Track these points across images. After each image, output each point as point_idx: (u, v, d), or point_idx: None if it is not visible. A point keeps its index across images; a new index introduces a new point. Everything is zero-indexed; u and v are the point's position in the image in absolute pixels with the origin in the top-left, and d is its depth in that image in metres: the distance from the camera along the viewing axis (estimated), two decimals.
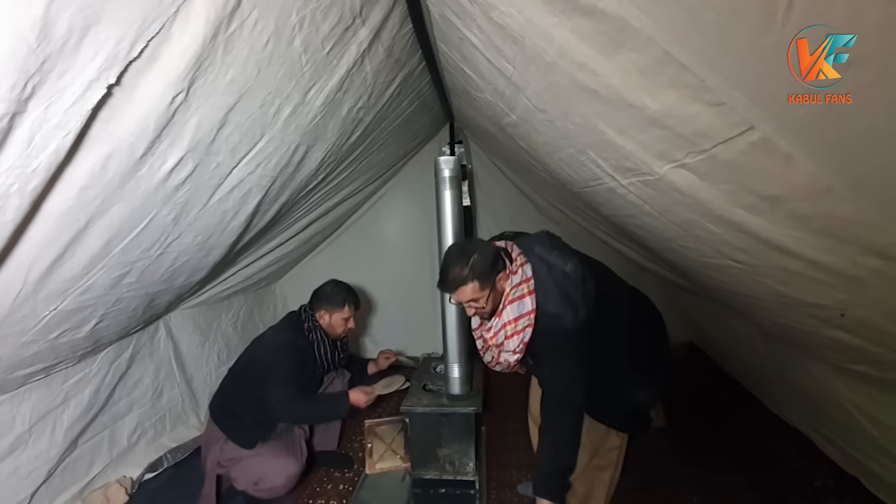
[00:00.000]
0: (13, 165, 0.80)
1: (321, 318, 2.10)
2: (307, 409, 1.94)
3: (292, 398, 1.88)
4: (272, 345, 2.02)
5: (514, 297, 1.34)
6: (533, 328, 1.33)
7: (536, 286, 1.34)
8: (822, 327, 1.36)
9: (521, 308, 1.34)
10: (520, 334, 1.33)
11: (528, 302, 1.33)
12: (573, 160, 1.49)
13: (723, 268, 1.39)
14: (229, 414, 1.99)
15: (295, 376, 1.94)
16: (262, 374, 1.94)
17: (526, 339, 1.34)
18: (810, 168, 0.79)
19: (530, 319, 1.33)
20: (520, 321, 1.33)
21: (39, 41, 0.66)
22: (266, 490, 1.91)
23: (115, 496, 1.97)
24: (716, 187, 1.00)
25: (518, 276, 1.36)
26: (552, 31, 0.94)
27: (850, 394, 1.71)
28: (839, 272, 1.01)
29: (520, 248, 1.43)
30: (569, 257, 1.38)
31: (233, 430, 1.95)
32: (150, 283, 1.65)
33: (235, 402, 1.99)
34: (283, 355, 1.95)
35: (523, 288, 1.34)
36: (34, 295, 1.21)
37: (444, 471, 1.92)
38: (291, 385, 1.91)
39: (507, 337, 1.35)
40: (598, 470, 1.57)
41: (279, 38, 1.07)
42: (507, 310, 1.35)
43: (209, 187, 1.38)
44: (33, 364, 1.55)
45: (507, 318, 1.35)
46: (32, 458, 1.71)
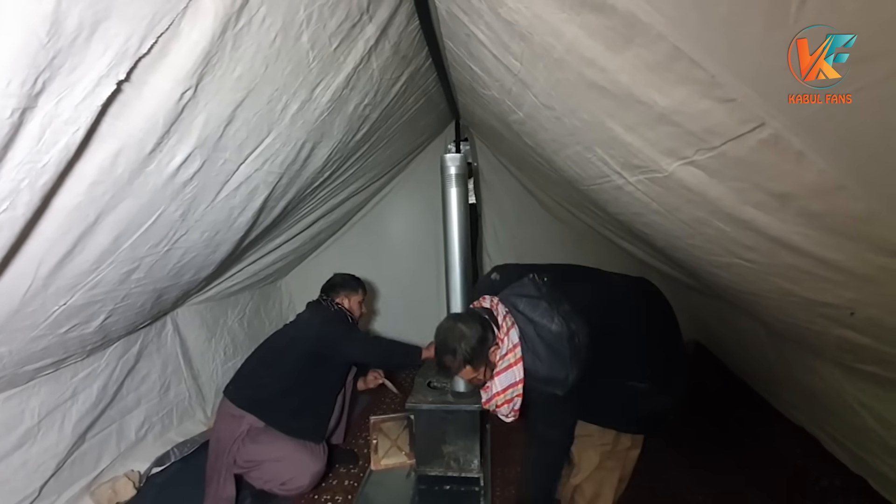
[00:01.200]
0: (24, 161, 0.80)
1: (342, 302, 2.21)
2: (379, 344, 2.15)
3: (364, 338, 2.07)
4: (321, 318, 2.09)
5: (501, 369, 1.35)
6: (523, 396, 1.34)
7: (524, 351, 1.33)
8: (831, 326, 1.35)
9: (509, 378, 1.34)
10: (510, 403, 1.35)
11: (515, 372, 1.33)
12: (580, 157, 1.48)
13: (731, 266, 1.38)
14: (266, 400, 1.96)
15: (356, 330, 2.16)
16: (322, 342, 1.98)
17: (516, 408, 1.36)
18: (821, 165, 0.79)
19: (519, 389, 1.33)
20: (508, 391, 1.34)
21: (50, 36, 0.66)
22: (293, 489, 1.94)
23: (123, 490, 1.99)
24: (725, 185, 0.99)
25: (505, 346, 1.35)
26: (561, 27, 0.94)
27: (857, 393, 1.69)
28: (849, 270, 1.00)
29: (505, 306, 1.41)
30: (555, 311, 1.30)
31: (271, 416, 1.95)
32: (157, 278, 1.66)
33: (274, 384, 1.98)
34: (337, 320, 2.10)
35: (510, 358, 1.34)
36: (44, 290, 1.22)
37: (448, 467, 1.92)
38: (356, 332, 2.11)
39: (497, 406, 1.38)
40: (608, 471, 1.57)
41: (287, 35, 1.07)
42: (496, 381, 1.36)
43: (216, 183, 1.39)
44: (43, 358, 1.57)
45: (497, 389, 1.36)
46: (41, 451, 1.73)
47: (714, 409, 2.67)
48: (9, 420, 1.62)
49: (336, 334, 2.02)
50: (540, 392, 1.34)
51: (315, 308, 2.17)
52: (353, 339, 2.06)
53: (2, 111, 0.69)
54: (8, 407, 1.61)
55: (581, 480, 1.57)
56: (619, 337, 1.42)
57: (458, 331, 1.40)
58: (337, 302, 2.20)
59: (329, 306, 2.17)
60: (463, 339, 1.38)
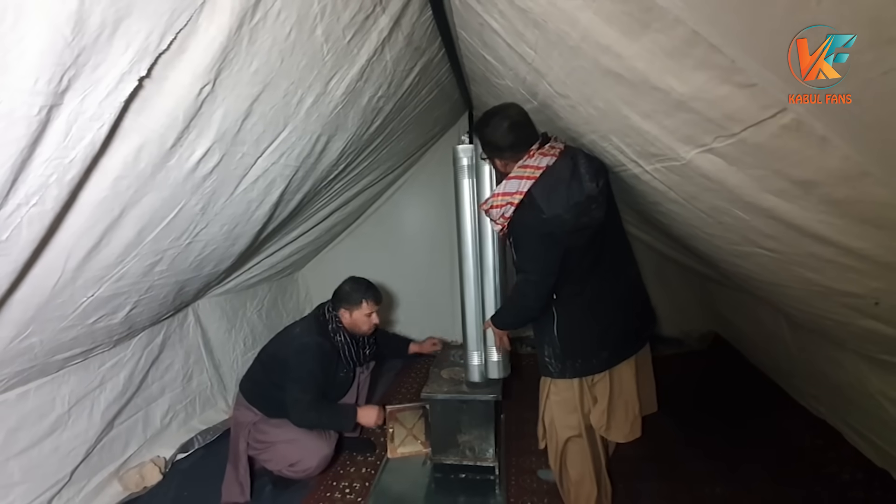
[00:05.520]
0: (52, 157, 0.83)
1: (343, 317, 2.09)
2: (317, 418, 1.98)
3: (307, 405, 1.92)
4: (299, 344, 2.01)
5: (512, 176, 1.44)
6: (515, 209, 1.42)
7: (543, 177, 1.40)
8: (854, 317, 1.31)
9: (512, 187, 1.42)
10: (501, 208, 1.44)
11: (521, 184, 1.41)
12: (596, 146, 1.47)
13: (751, 255, 1.36)
14: (266, 397, 2.04)
15: (315, 380, 1.96)
16: (284, 369, 1.97)
17: (506, 215, 1.44)
18: (845, 151, 0.76)
19: (513, 199, 1.42)
20: (505, 197, 1.43)
21: (74, 34, 0.68)
22: (301, 471, 1.99)
23: (150, 475, 2.06)
24: (745, 172, 0.97)
25: (530, 160, 1.43)
26: (576, 14, 0.92)
27: (882, 385, 1.65)
28: (874, 259, 0.97)
29: (563, 146, 1.48)
30: (598, 182, 1.40)
31: (272, 411, 2.01)
32: (179, 270, 1.71)
33: (270, 388, 2.03)
34: (308, 358, 1.96)
35: (526, 171, 1.42)
36: (72, 282, 1.26)
37: (464, 456, 1.94)
38: (309, 391, 1.92)
39: (492, 207, 1.48)
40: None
41: (301, 28, 1.08)
42: (502, 184, 1.47)
43: (235, 177, 1.41)
44: (72, 348, 1.63)
45: (498, 191, 1.47)
46: (72, 437, 1.80)
47: (732, 401, 2.64)
48: (41, 407, 1.69)
49: (291, 381, 1.93)
50: (527, 217, 1.41)
51: (313, 326, 2.08)
52: (297, 400, 1.91)
53: (30, 108, 0.72)
54: (40, 395, 1.68)
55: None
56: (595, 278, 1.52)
57: (513, 110, 1.49)
58: (339, 318, 2.10)
59: (327, 324, 2.08)
60: (507, 120, 1.46)
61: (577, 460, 1.61)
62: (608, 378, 1.57)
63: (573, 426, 1.58)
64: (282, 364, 2.00)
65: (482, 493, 1.95)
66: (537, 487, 2.02)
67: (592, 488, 1.60)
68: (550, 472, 1.75)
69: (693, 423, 2.41)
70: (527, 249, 1.48)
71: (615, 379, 1.58)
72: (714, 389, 2.79)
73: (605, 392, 1.57)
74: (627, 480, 1.94)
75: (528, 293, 1.52)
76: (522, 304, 1.58)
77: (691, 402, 2.60)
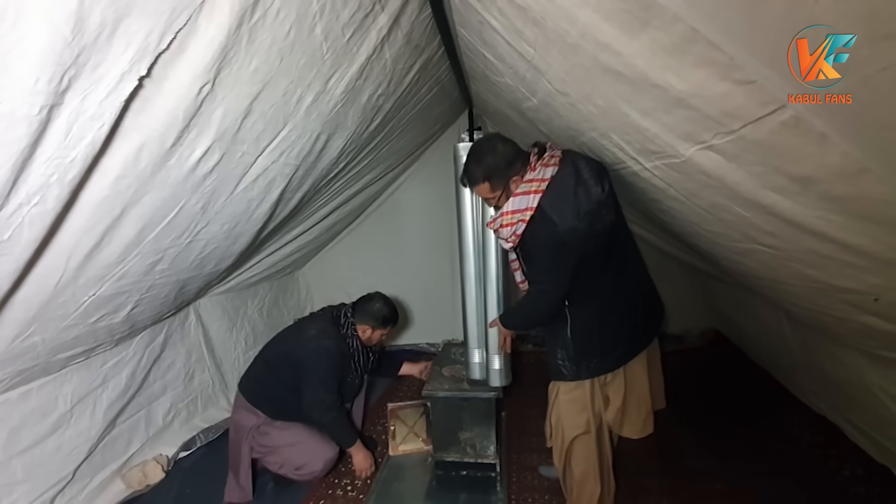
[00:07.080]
0: (52, 156, 0.83)
1: (363, 331, 2.09)
2: (332, 425, 2.02)
3: (329, 406, 1.96)
4: (320, 346, 1.98)
5: (519, 192, 1.41)
6: (527, 225, 1.40)
7: (549, 189, 1.38)
8: (854, 313, 1.32)
9: (521, 203, 1.40)
10: (512, 226, 1.42)
11: (530, 199, 1.39)
12: (595, 144, 1.47)
13: (751, 252, 1.36)
14: (271, 399, 2.03)
15: (336, 382, 2.01)
16: (302, 370, 1.97)
17: (518, 232, 1.42)
18: (844, 147, 0.76)
19: (524, 216, 1.39)
20: (515, 214, 1.41)
21: (74, 34, 0.68)
22: (307, 474, 2.00)
23: (153, 473, 2.07)
24: (744, 169, 0.97)
25: (534, 175, 1.40)
26: (575, 12, 0.92)
27: (881, 381, 1.66)
28: (873, 255, 0.97)
29: (561, 153, 1.46)
30: (603, 186, 1.39)
31: (277, 413, 2.02)
32: (180, 269, 1.71)
33: (277, 389, 2.03)
34: (330, 361, 1.98)
35: (533, 185, 1.39)
36: (74, 281, 1.27)
37: (465, 454, 1.95)
38: (333, 392, 1.97)
39: (501, 226, 1.45)
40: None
41: (301, 27, 1.08)
42: (509, 202, 1.42)
43: (235, 176, 1.41)
44: (74, 347, 1.64)
45: (506, 210, 1.43)
46: (74, 436, 1.81)
47: (732, 397, 2.65)
48: (43, 406, 1.70)
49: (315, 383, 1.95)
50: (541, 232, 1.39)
51: (329, 330, 2.05)
52: (321, 400, 1.95)
53: (31, 108, 0.72)
54: (42, 394, 1.69)
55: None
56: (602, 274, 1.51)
57: (492, 144, 1.46)
58: (356, 327, 2.09)
59: (341, 328, 2.08)
60: (493, 154, 1.43)
61: (582, 458, 1.61)
62: (622, 376, 1.57)
63: (581, 425, 1.59)
64: (297, 364, 1.99)
65: (483, 490, 1.96)
66: (538, 484, 2.03)
67: (595, 486, 1.61)
68: (552, 468, 1.76)
69: (693, 420, 2.41)
70: (540, 262, 1.47)
71: (628, 377, 1.59)
72: (714, 386, 2.80)
73: (619, 391, 1.57)
74: (628, 476, 1.95)
75: (542, 302, 1.52)
76: (535, 309, 1.58)
77: (692, 398, 2.60)
